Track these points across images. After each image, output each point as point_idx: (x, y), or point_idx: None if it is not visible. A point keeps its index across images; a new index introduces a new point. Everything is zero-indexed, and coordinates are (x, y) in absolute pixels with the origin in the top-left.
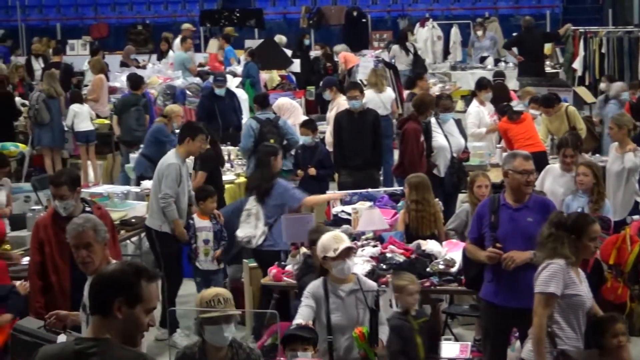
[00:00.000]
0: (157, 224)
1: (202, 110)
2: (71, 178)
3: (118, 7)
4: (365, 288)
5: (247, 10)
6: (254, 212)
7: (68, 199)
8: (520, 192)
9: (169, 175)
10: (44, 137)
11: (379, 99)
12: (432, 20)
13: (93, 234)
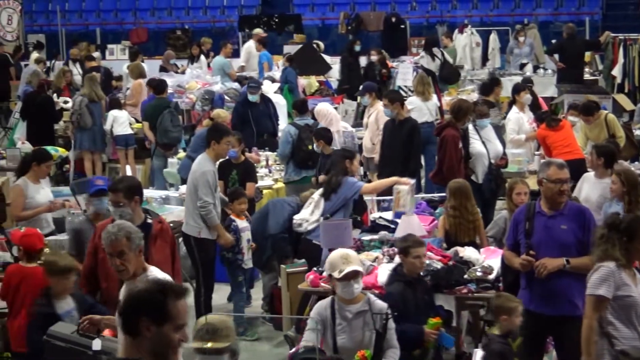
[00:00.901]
0: (195, 230)
1: (236, 117)
2: (129, 186)
3: (157, 12)
4: (375, 310)
5: (286, 15)
6: (315, 199)
7: (123, 207)
8: (553, 200)
9: (204, 183)
10: (85, 141)
11: (425, 106)
12: (471, 27)
13: (127, 242)
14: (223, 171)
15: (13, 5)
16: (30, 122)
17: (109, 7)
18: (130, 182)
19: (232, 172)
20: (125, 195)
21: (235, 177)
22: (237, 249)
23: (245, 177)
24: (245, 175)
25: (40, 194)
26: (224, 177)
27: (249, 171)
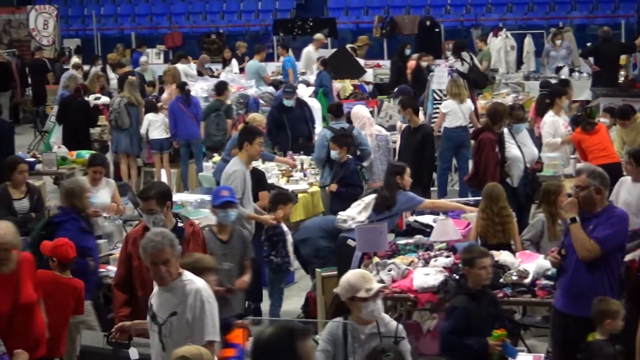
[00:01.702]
0: None
1: (271, 121)
2: (160, 192)
3: (192, 16)
4: (385, 332)
5: (320, 19)
6: (366, 201)
7: (156, 213)
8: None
9: (234, 181)
10: (121, 143)
11: (460, 109)
12: (506, 30)
13: (170, 249)
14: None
15: (49, 10)
16: (67, 126)
17: (144, 12)
18: (160, 188)
19: None
20: (158, 201)
21: None
22: (284, 253)
23: (257, 187)
24: (257, 185)
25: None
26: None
27: (260, 180)
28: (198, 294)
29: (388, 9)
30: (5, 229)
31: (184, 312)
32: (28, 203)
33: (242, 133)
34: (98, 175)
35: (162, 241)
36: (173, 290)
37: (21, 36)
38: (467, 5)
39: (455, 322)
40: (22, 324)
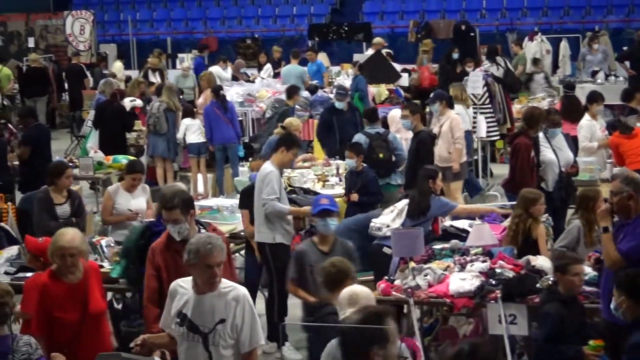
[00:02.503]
0: (269, 237)
1: (321, 123)
2: (183, 201)
3: (227, 21)
4: None
5: (356, 24)
6: (399, 207)
7: (182, 223)
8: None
9: (269, 182)
10: (158, 147)
11: (466, 113)
12: (541, 34)
13: (223, 253)
14: (247, 199)
15: (85, 16)
16: (103, 131)
17: (180, 17)
18: (183, 196)
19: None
20: (182, 210)
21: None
22: None
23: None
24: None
25: (130, 203)
26: (249, 206)
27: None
28: (245, 299)
29: (423, 14)
30: (73, 235)
31: (233, 319)
32: (69, 208)
33: (283, 138)
34: (137, 182)
35: (219, 243)
36: (217, 297)
37: (58, 41)
38: (502, 9)
39: (550, 329)
40: (90, 333)
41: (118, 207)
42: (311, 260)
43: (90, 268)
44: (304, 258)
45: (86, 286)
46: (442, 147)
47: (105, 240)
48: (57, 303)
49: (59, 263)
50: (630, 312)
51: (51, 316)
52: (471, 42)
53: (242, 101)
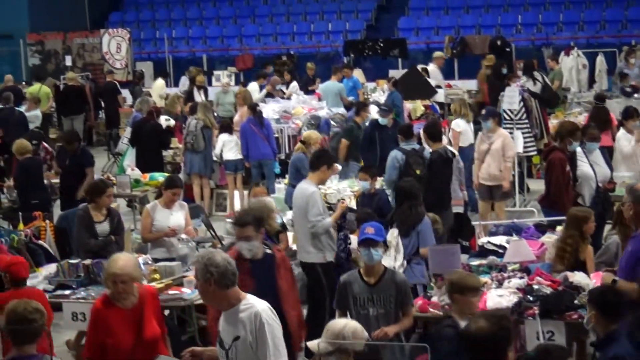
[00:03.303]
0: (319, 256)
1: (364, 138)
2: (256, 218)
3: (263, 38)
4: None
5: (391, 40)
6: (394, 244)
7: (253, 240)
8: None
9: (315, 203)
10: (195, 164)
11: (469, 128)
12: (577, 49)
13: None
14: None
15: (122, 34)
16: (140, 148)
17: (215, 34)
18: (257, 213)
19: None
20: (255, 227)
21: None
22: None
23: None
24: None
25: (169, 219)
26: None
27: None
28: (258, 316)
29: (458, 29)
30: (125, 261)
31: (246, 336)
32: (108, 226)
33: (322, 156)
34: (176, 198)
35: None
36: (236, 314)
37: (94, 60)
38: (538, 24)
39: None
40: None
41: (157, 224)
42: (355, 292)
43: (147, 293)
44: (347, 289)
45: (141, 312)
46: (492, 165)
47: (143, 257)
48: (110, 329)
49: (111, 289)
50: (601, 326)
51: (104, 342)
52: (507, 57)
53: (278, 118)
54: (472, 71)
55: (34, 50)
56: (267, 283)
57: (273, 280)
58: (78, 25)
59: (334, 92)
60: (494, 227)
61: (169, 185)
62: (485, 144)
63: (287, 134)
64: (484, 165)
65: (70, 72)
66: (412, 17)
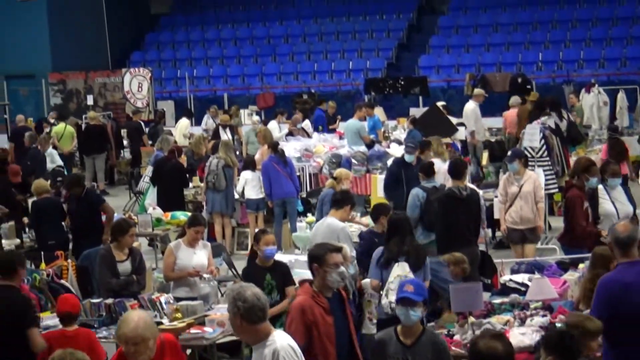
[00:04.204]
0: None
1: (390, 176)
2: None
3: (284, 76)
4: None
5: (412, 78)
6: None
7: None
8: None
9: (346, 237)
10: (217, 203)
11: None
12: (598, 86)
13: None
14: (253, 277)
15: (143, 73)
16: (161, 187)
17: (236, 73)
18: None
19: (265, 276)
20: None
21: (271, 282)
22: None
23: (284, 281)
24: (282, 278)
25: (193, 258)
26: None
27: (284, 273)
28: (276, 353)
29: (479, 67)
30: (137, 322)
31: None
32: (130, 265)
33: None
34: (199, 236)
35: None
36: (262, 350)
37: (116, 99)
38: (559, 61)
39: None
40: None
41: (180, 262)
42: (390, 352)
43: (165, 342)
44: (383, 349)
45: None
46: (525, 208)
47: (165, 297)
48: None
49: (124, 349)
50: None
51: None
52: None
53: (300, 156)
54: (493, 109)
55: (56, 90)
56: (342, 321)
57: (346, 317)
58: (100, 65)
59: (353, 131)
60: (516, 265)
61: (192, 223)
62: (514, 187)
63: (309, 172)
64: (514, 208)
65: (92, 112)
66: (432, 55)
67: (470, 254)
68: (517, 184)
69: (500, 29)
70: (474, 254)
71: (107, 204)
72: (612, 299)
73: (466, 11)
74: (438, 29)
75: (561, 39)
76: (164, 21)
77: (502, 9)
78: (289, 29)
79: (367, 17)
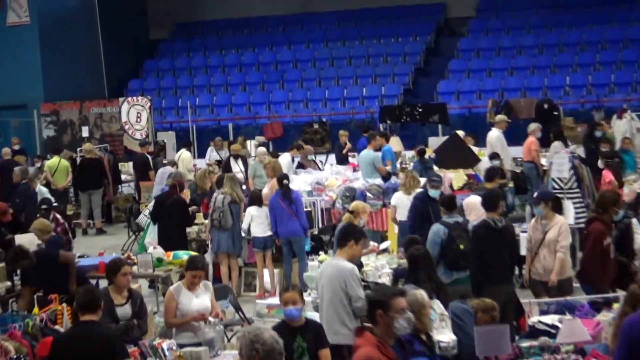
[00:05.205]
0: (349, 337)
1: (415, 214)
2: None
3: (293, 104)
4: None
5: (430, 104)
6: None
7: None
8: None
9: (354, 278)
10: (222, 242)
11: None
12: (630, 111)
13: None
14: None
15: (142, 102)
16: (162, 224)
17: (242, 101)
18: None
19: (296, 338)
20: None
21: (302, 344)
22: None
23: (316, 344)
24: (315, 340)
25: (193, 302)
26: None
27: (317, 334)
28: None
29: (502, 92)
30: None
31: None
32: (130, 309)
33: (349, 230)
34: (197, 280)
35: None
36: None
37: (113, 130)
38: (588, 85)
39: None
40: None
41: (182, 307)
42: None
43: None
44: None
45: None
46: (549, 258)
47: (167, 343)
48: None
49: None
50: None
51: None
52: (555, 121)
53: (310, 190)
54: (518, 137)
55: (49, 121)
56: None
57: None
58: (95, 94)
59: (369, 162)
60: (545, 306)
61: (189, 267)
62: (538, 233)
63: (320, 207)
64: (537, 258)
65: (88, 144)
66: (452, 80)
67: (505, 293)
68: (542, 230)
69: (524, 52)
70: (510, 293)
71: (62, 252)
72: (632, 341)
73: (488, 33)
74: (458, 52)
75: (590, 62)
76: (164, 47)
77: (527, 30)
78: (298, 53)
79: (382, 40)
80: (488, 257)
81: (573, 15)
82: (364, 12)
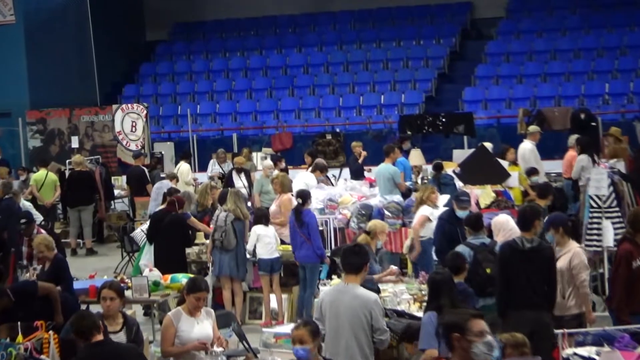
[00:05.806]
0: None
1: (442, 236)
2: None
3: (303, 113)
4: None
5: (455, 114)
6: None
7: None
8: None
9: (380, 311)
10: (225, 265)
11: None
12: None
13: None
14: None
15: (137, 110)
16: (159, 245)
17: (247, 109)
18: None
19: None
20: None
21: None
22: None
23: None
24: None
25: (195, 329)
26: None
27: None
28: None
29: (535, 101)
30: None
31: None
32: (125, 337)
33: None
34: (201, 303)
35: None
36: None
37: (105, 140)
38: (629, 94)
39: None
40: None
41: (181, 335)
42: None
43: None
44: None
45: None
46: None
47: None
48: None
49: None
50: None
51: None
52: (592, 133)
53: (323, 207)
54: (552, 149)
55: (35, 130)
56: None
57: None
58: (86, 100)
59: (388, 177)
60: (581, 336)
61: (191, 289)
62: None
63: (333, 227)
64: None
65: (78, 156)
66: (479, 88)
67: (535, 322)
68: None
69: (559, 56)
70: (541, 322)
71: (40, 283)
72: None
73: (518, 35)
74: (485, 57)
75: (631, 68)
76: (162, 49)
77: (562, 32)
78: (309, 57)
79: (402, 43)
80: (512, 280)
81: (613, 16)
82: (382, 11)
